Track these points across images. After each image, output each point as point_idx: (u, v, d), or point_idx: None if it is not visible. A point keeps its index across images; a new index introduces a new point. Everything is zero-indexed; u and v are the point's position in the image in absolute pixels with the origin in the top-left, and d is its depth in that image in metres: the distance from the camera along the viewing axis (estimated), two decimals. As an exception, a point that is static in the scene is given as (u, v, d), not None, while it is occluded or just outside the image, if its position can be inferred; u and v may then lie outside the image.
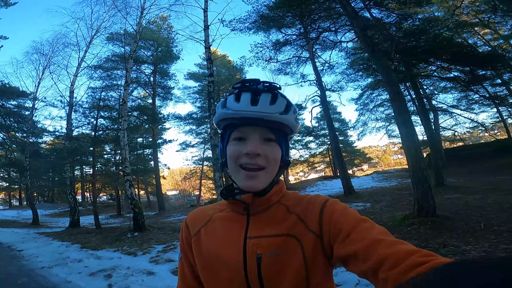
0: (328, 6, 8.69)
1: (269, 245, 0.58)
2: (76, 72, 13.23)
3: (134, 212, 8.81)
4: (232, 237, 0.62)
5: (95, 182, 13.96)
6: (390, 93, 6.67)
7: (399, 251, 0.44)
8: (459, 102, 15.97)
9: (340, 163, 13.73)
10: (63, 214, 18.14)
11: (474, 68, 9.89)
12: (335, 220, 0.55)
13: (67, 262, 5.37)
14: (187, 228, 0.70)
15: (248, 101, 0.58)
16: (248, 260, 0.58)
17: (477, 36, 14.86)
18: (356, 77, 15.89)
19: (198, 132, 25.06)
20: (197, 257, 0.66)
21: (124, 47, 12.52)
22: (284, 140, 0.63)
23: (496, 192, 7.51)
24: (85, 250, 6.49)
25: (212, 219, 0.68)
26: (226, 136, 0.63)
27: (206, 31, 8.53)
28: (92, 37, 13.22)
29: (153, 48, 19.29)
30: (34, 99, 14.24)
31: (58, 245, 7.30)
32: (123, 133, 9.58)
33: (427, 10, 10.30)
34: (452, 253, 3.58)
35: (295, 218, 0.60)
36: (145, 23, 11.89)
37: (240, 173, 0.59)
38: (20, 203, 28.05)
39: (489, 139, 20.58)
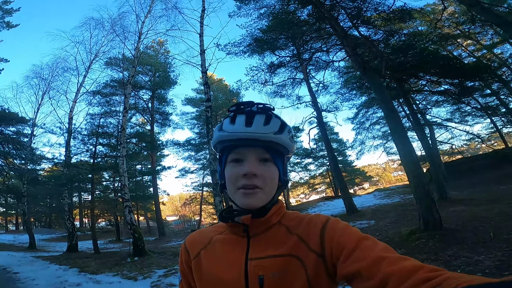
0: (319, 27, 9.07)
1: (272, 266, 0.57)
2: (75, 98, 13.24)
3: (134, 237, 8.65)
4: (232, 259, 0.61)
5: (94, 208, 13.67)
6: (385, 110, 6.81)
7: (404, 267, 0.44)
8: (453, 115, 16.24)
9: (341, 183, 13.64)
10: (61, 239, 17.58)
11: (463, 80, 10.15)
12: (337, 239, 0.55)
13: (65, 286, 5.22)
14: (187, 251, 0.70)
15: (243, 123, 0.60)
16: (250, 282, 0.57)
17: (461, 48, 15.44)
18: (351, 96, 16.23)
19: (197, 158, 24.97)
20: (198, 280, 0.65)
21: (122, 72, 12.70)
22: (280, 160, 0.64)
23: (500, 202, 7.44)
24: (84, 274, 6.32)
25: (212, 242, 0.67)
26: (224, 159, 0.64)
27: (203, 56, 8.78)
28: (91, 62, 13.35)
29: (150, 73, 19.69)
30: (33, 126, 14.20)
31: (55, 268, 7.09)
32: (122, 160, 9.55)
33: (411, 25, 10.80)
34: (465, 264, 3.48)
35: (296, 238, 0.60)
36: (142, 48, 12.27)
37: (238, 192, 0.60)
38: (16, 227, 27.29)
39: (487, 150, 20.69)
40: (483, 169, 13.60)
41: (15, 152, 13.28)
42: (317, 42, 10.23)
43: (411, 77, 11.09)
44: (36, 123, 14.39)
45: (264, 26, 10.03)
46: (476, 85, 11.33)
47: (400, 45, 9.36)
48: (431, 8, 13.06)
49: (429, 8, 12.76)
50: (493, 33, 13.11)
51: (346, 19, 8.45)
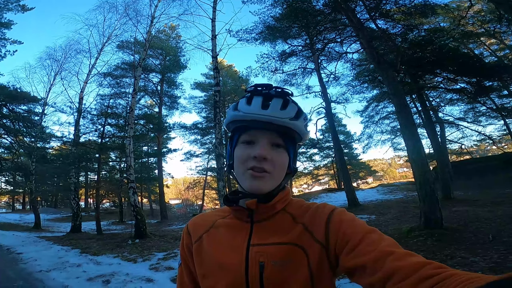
0: (334, 17, 8.80)
1: (273, 254, 0.56)
2: (86, 79, 13.54)
3: (137, 219, 8.78)
4: (234, 245, 0.60)
5: (99, 189, 14.01)
6: (397, 105, 6.67)
7: (410, 263, 0.43)
8: (466, 115, 15.76)
9: (345, 175, 13.62)
10: (65, 219, 18.14)
11: (481, 79, 9.82)
12: (342, 231, 0.54)
13: (65, 266, 5.33)
14: (189, 234, 0.69)
15: (259, 104, 0.59)
16: (250, 268, 0.56)
17: (483, 47, 14.81)
18: (362, 89, 15.89)
19: (203, 142, 25.15)
20: (198, 264, 0.64)
21: (133, 55, 12.84)
22: (292, 147, 0.63)
23: (505, 205, 7.36)
24: (85, 255, 6.44)
25: (215, 226, 0.66)
26: (235, 139, 0.63)
27: (214, 41, 8.70)
28: (104, 44, 13.55)
29: (161, 57, 19.68)
30: (44, 105, 14.55)
31: (58, 249, 7.27)
32: (129, 141, 9.68)
33: (433, 21, 10.34)
34: (460, 264, 3.50)
35: (301, 228, 0.59)
36: (154, 32, 12.23)
37: (246, 174, 0.59)
38: (23, 207, 28.18)
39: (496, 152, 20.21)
40: (491, 171, 13.36)
41: (25, 130, 13.61)
42: (331, 33, 9.99)
43: (427, 73, 10.81)
44: (47, 102, 14.76)
45: (277, 14, 9.78)
46: (494, 85, 10.98)
47: (419, 40, 9.05)
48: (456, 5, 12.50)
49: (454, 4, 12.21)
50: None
51: (364, 10, 8.16)
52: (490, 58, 14.09)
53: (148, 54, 14.22)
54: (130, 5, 11.28)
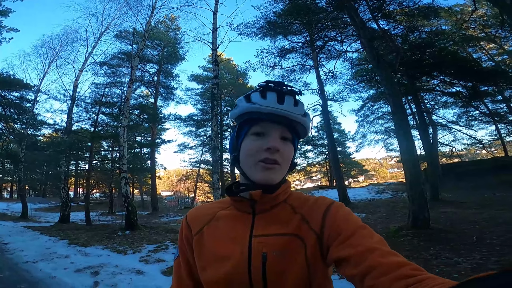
0: (336, 16, 8.76)
1: (275, 244, 0.58)
2: (82, 67, 13.32)
3: (128, 210, 8.64)
4: (236, 236, 0.61)
5: (90, 178, 13.85)
6: (393, 105, 6.73)
7: (390, 261, 0.46)
8: (459, 118, 16.05)
9: (337, 173, 13.76)
10: (53, 209, 17.87)
11: (477, 83, 9.96)
12: (337, 223, 0.56)
13: (53, 257, 5.25)
14: (188, 226, 0.68)
15: (275, 99, 0.61)
16: (252, 259, 0.57)
17: (482, 51, 15.00)
18: (359, 88, 16.00)
19: (197, 134, 25.03)
20: (198, 256, 0.64)
21: (132, 45, 12.66)
22: (297, 141, 0.67)
23: (491, 207, 7.56)
24: (73, 246, 6.33)
25: (216, 217, 0.67)
26: (244, 131, 0.64)
27: (214, 34, 8.60)
28: (102, 34, 13.36)
29: (159, 48, 19.41)
30: (37, 92, 14.29)
31: (45, 240, 7.14)
32: (123, 130, 9.55)
33: (435, 24, 10.41)
34: (444, 264, 3.59)
35: (300, 218, 0.61)
36: (154, 22, 12.08)
37: (257, 165, 0.60)
38: (11, 195, 27.73)
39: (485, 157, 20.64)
40: (479, 174, 13.66)
41: (16, 117, 13.37)
42: (332, 31, 9.95)
43: (424, 75, 10.89)
44: (40, 89, 14.49)
45: (279, 9, 9.70)
46: (489, 90, 11.14)
47: (419, 42, 9.12)
48: (459, 8, 12.57)
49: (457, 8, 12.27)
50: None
51: (366, 10, 8.14)
52: (487, 63, 14.24)
53: (146, 45, 14.01)
54: (131, -6, 11.05)
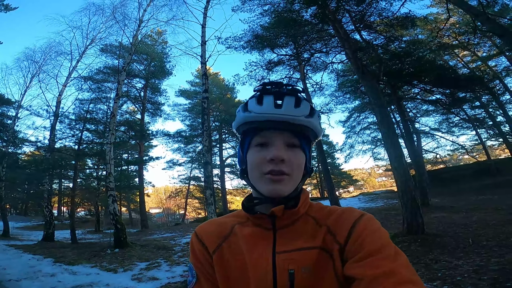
0: (321, 28, 9.09)
1: (303, 260, 0.53)
2: (65, 82, 12.98)
3: (116, 228, 8.35)
4: (258, 254, 0.56)
5: (75, 197, 13.29)
6: (379, 114, 6.90)
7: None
8: (441, 125, 16.70)
9: (329, 185, 13.88)
10: (36, 228, 16.95)
11: (455, 90, 10.44)
12: (363, 237, 0.51)
13: (38, 276, 4.97)
14: (201, 243, 0.61)
15: (271, 103, 0.56)
16: (278, 277, 0.52)
17: (457, 58, 15.79)
18: (344, 100, 16.41)
19: (186, 150, 24.71)
20: (221, 277, 0.57)
21: (118, 59, 12.54)
22: (307, 146, 0.60)
23: (479, 210, 7.76)
24: (59, 264, 6.02)
25: (233, 232, 0.61)
26: (247, 142, 0.60)
27: (203, 47, 8.67)
28: (87, 47, 13.15)
29: (146, 62, 19.33)
30: (18, 107, 13.78)
31: (29, 258, 6.75)
32: (110, 147, 9.31)
33: (412, 33, 10.94)
34: (445, 268, 3.59)
35: (325, 230, 0.56)
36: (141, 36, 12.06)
37: (263, 178, 0.56)
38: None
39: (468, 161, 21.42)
40: (464, 179, 14.12)
41: (-4, 134, 12.83)
42: (318, 43, 10.27)
43: (405, 84, 11.29)
44: (22, 105, 13.95)
45: (266, 23, 9.96)
46: (467, 96, 11.66)
47: (398, 52, 9.47)
48: (434, 17, 13.22)
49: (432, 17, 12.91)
50: (490, 45, 13.42)
51: (349, 22, 8.47)
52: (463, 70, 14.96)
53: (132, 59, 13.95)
54: (117, 8, 11.08)
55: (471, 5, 6.76)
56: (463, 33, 10.93)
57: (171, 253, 7.13)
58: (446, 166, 19.93)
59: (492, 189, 11.60)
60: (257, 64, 11.81)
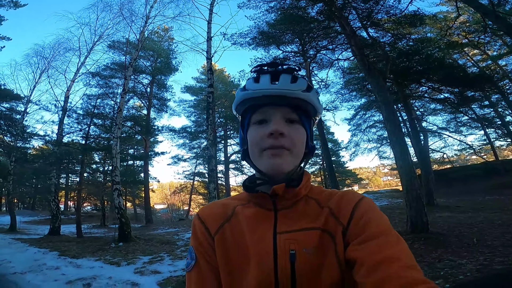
0: (328, 25, 8.99)
1: (305, 240, 0.52)
2: (73, 78, 13.22)
3: (121, 222, 8.50)
4: (259, 235, 0.55)
5: (81, 191, 13.51)
6: (385, 112, 6.84)
7: (407, 275, 0.41)
8: (448, 124, 16.39)
9: (333, 183, 13.77)
10: (43, 222, 17.25)
11: (464, 89, 10.24)
12: (365, 219, 0.51)
13: (42, 269, 5.05)
14: (203, 225, 0.60)
15: (268, 80, 0.56)
16: (279, 259, 0.51)
17: (467, 57, 15.47)
18: (350, 97, 16.23)
19: (191, 146, 24.85)
20: (221, 258, 0.56)
21: (125, 55, 12.70)
22: (308, 121, 0.60)
23: (485, 210, 7.68)
24: (64, 257, 6.12)
25: (235, 213, 0.60)
26: (246, 121, 0.60)
27: (209, 43, 8.73)
28: (94, 43, 13.35)
29: (152, 58, 19.47)
30: (27, 102, 14.04)
31: (34, 251, 6.88)
32: (116, 141, 9.45)
33: (420, 31, 10.73)
34: (449, 267, 3.57)
35: (328, 212, 0.55)
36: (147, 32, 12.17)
37: (263, 154, 0.55)
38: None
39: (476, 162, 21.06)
40: (471, 179, 13.92)
41: (6, 129, 13.09)
42: (324, 40, 10.17)
43: (413, 82, 11.13)
44: (31, 100, 14.24)
45: (272, 19, 9.87)
46: (476, 95, 11.44)
47: (406, 50, 9.32)
48: (443, 15, 12.98)
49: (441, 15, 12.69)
50: (501, 44, 13.15)
51: (356, 19, 8.35)
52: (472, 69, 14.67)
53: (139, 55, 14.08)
54: (125, 5, 11.20)
55: (481, 3, 6.58)
56: (473, 32, 10.69)
57: (174, 248, 7.21)
58: (453, 166, 19.62)
59: (500, 190, 11.41)
60: (262, 60, 11.76)
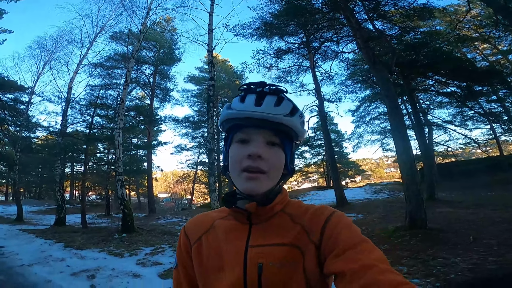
0: (332, 16, 8.80)
1: (272, 255, 0.55)
2: (76, 69, 13.25)
3: (124, 213, 8.61)
4: (233, 246, 0.59)
5: (85, 181, 13.73)
6: (388, 106, 6.77)
7: (387, 280, 0.43)
8: (454, 118, 16.18)
9: (334, 174, 13.79)
10: (49, 212, 17.65)
11: (471, 84, 10.05)
12: (336, 233, 0.53)
13: (48, 260, 5.18)
14: (186, 236, 0.67)
15: (252, 102, 0.58)
16: (248, 270, 0.55)
17: (476, 51, 15.09)
18: (355, 89, 16.08)
19: (194, 135, 25.02)
20: (197, 266, 0.63)
21: (127, 46, 12.64)
22: (289, 145, 0.61)
23: (487, 207, 7.59)
24: (69, 249, 6.25)
25: (213, 226, 0.65)
26: (229, 138, 0.62)
27: (210, 35, 8.60)
28: (96, 35, 13.28)
29: (155, 49, 19.39)
30: (31, 93, 14.15)
31: (40, 243, 7.04)
32: (119, 132, 9.50)
33: (429, 24, 10.44)
34: (441, 265, 3.57)
35: (300, 228, 0.58)
36: (149, 23, 12.04)
37: (241, 175, 0.57)
38: (6, 198, 27.34)
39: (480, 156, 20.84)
40: (475, 173, 13.79)
41: (10, 119, 13.27)
42: (328, 32, 9.98)
43: (419, 75, 10.94)
44: (34, 91, 14.36)
45: (275, 10, 9.68)
46: (483, 90, 11.23)
47: (414, 43, 9.15)
48: (454, 9, 12.59)
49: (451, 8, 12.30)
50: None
51: (362, 11, 8.16)
52: (482, 63, 14.32)
53: (142, 46, 13.99)
54: (126, -4, 11.01)
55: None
56: (484, 26, 10.36)
57: (176, 239, 7.27)
58: (457, 160, 19.44)
59: (504, 185, 11.29)
60: (264, 52, 11.64)
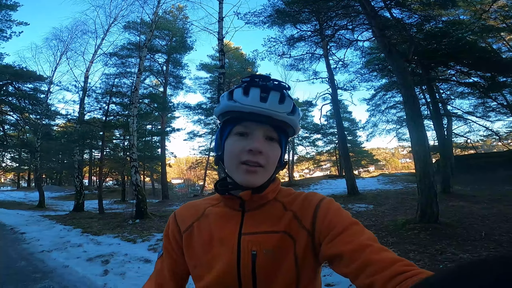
0: (347, 4, 8.47)
1: (265, 242, 0.57)
2: (92, 59, 13.66)
3: (138, 199, 8.82)
4: (225, 234, 0.60)
5: (103, 167, 14.27)
6: (404, 96, 6.55)
7: (384, 258, 0.46)
8: (475, 109, 15.42)
9: (346, 163, 13.62)
10: (69, 198, 18.46)
11: (495, 74, 9.55)
12: (328, 219, 0.55)
13: (67, 246, 5.40)
14: (176, 223, 0.67)
15: (257, 97, 0.58)
16: (242, 257, 0.57)
17: (502, 42, 14.22)
18: (370, 77, 15.52)
19: (206, 122, 25.23)
20: (188, 254, 0.64)
21: (139, 35, 12.82)
22: (285, 140, 0.64)
23: (502, 202, 7.35)
24: (86, 235, 6.50)
25: (205, 214, 0.66)
26: (228, 130, 0.62)
27: (220, 23, 8.56)
28: (110, 25, 13.55)
29: (167, 38, 19.46)
30: (50, 83, 14.66)
31: (60, 229, 7.37)
32: (133, 120, 9.73)
33: (452, 13, 9.90)
34: (449, 260, 3.54)
35: (291, 215, 0.60)
36: (161, 12, 12.09)
37: (240, 168, 0.58)
38: (28, 184, 28.64)
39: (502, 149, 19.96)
40: (493, 167, 13.26)
41: (31, 108, 13.85)
42: (343, 20, 9.63)
43: (440, 65, 10.47)
44: (53, 81, 14.86)
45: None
46: (508, 81, 10.67)
47: (435, 32, 8.73)
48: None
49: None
50: None
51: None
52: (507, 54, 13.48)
53: (154, 35, 14.08)
54: (137, -14, 11.03)
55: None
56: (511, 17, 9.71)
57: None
58: (477, 152, 18.71)
59: (523, 180, 10.85)
60: (276, 40, 11.41)
